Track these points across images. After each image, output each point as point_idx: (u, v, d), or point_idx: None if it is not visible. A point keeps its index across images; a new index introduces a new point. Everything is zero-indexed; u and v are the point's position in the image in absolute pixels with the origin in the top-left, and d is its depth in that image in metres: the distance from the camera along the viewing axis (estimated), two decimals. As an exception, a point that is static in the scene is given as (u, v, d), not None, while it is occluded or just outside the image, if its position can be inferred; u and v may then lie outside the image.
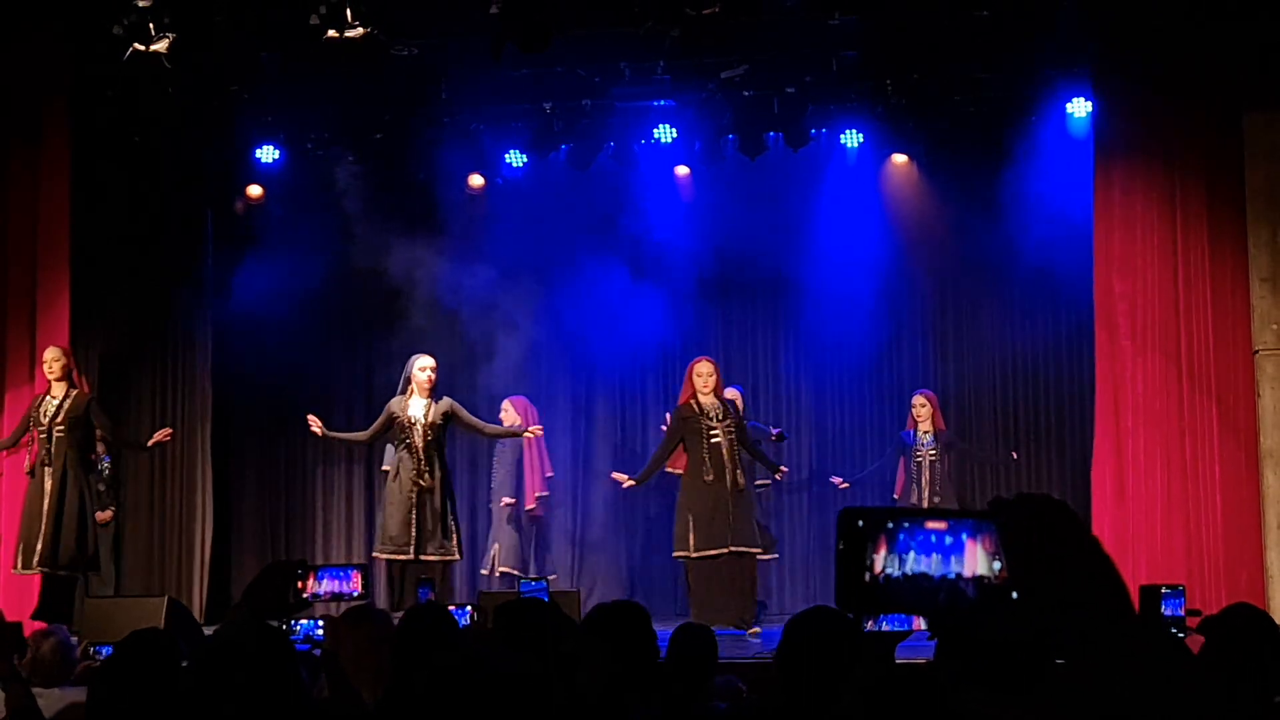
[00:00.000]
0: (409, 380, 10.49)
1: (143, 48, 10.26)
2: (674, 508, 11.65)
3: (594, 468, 13.32)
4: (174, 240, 12.47)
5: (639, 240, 12.97)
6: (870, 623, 3.65)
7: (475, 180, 13.03)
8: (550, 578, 11.50)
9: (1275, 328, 10.20)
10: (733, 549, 10.55)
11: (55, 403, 10.43)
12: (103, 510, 12.28)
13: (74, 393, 10.48)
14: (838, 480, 12.19)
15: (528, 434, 11.24)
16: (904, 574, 2.37)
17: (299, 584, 3.48)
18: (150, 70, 10.65)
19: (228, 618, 3.57)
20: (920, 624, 3.74)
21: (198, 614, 11.25)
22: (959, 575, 2.39)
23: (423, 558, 10.20)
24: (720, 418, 10.68)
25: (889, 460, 11.78)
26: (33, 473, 10.39)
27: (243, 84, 11.93)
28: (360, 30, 10.09)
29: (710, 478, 10.55)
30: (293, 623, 5.75)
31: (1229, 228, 10.31)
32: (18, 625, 5.81)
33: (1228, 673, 3.94)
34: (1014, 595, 2.45)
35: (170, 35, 10.25)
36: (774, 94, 12.15)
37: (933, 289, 12.94)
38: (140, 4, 10.17)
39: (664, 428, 11.52)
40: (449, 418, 10.56)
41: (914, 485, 11.62)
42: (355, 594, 4.26)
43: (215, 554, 12.66)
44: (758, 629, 10.56)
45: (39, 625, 9.56)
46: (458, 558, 10.47)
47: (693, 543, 10.62)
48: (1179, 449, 10.22)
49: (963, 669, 3.66)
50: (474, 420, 10.83)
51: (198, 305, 12.68)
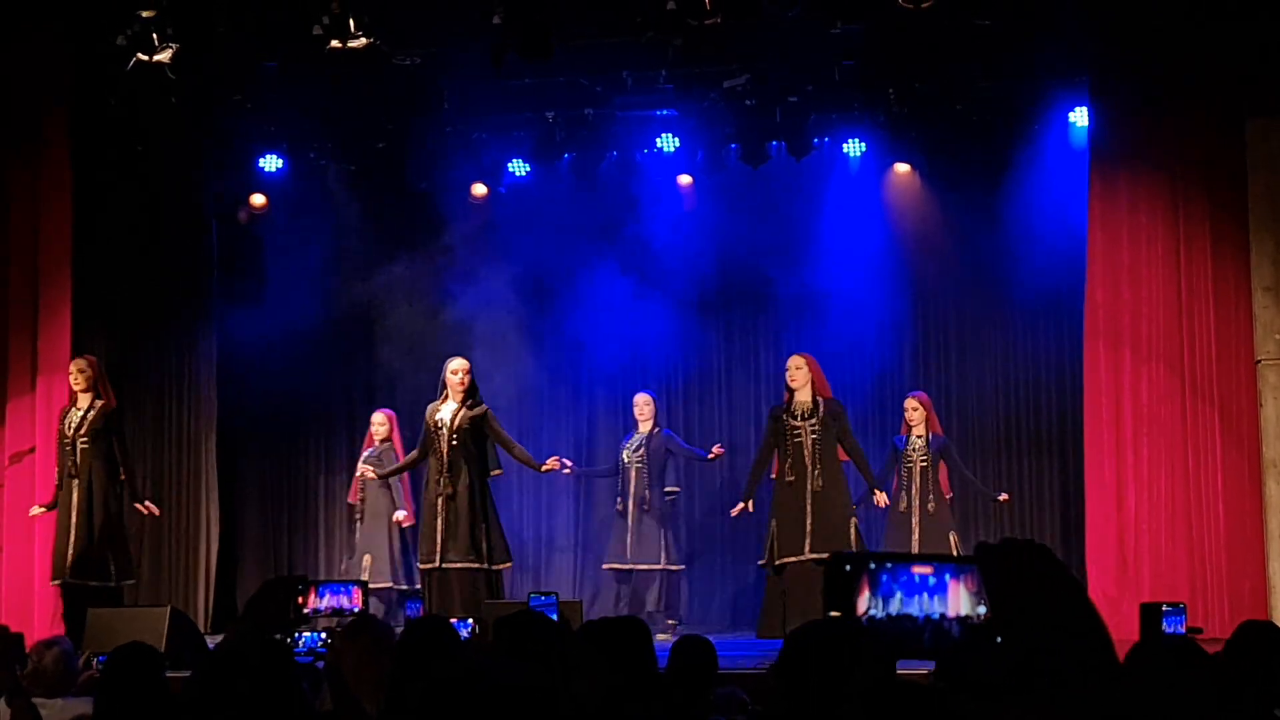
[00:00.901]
0: (443, 384, 10.33)
1: (146, 58, 10.28)
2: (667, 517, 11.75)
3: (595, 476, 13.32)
4: (177, 249, 12.47)
5: (641, 249, 12.96)
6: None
7: (478, 189, 13.04)
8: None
9: (1278, 337, 10.21)
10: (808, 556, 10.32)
11: (80, 414, 10.44)
12: None
13: (99, 404, 10.49)
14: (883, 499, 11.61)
15: (544, 467, 10.88)
16: (888, 614, 2.40)
17: (300, 599, 3.49)
18: (153, 80, 10.66)
19: (229, 631, 3.58)
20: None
21: (202, 625, 11.23)
22: (943, 615, 2.42)
23: (445, 565, 10.01)
24: (805, 415, 10.57)
25: (886, 468, 11.66)
26: (60, 485, 10.40)
27: (245, 93, 11.94)
28: (363, 40, 10.12)
29: (791, 479, 10.45)
30: (296, 635, 5.76)
31: (1231, 236, 10.32)
32: (19, 636, 5.82)
33: (1237, 685, 3.93)
34: (999, 638, 2.48)
35: (173, 45, 10.26)
36: (776, 103, 12.15)
37: (935, 297, 12.91)
38: (143, 14, 10.19)
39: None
40: (480, 424, 10.28)
41: (904, 492, 11.39)
42: (356, 610, 4.27)
43: (220, 565, 12.64)
44: None
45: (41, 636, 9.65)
46: (481, 566, 10.09)
47: (777, 550, 10.49)
48: (1181, 459, 10.23)
49: (958, 677, 3.68)
50: (504, 436, 10.48)
51: (202, 315, 12.67)
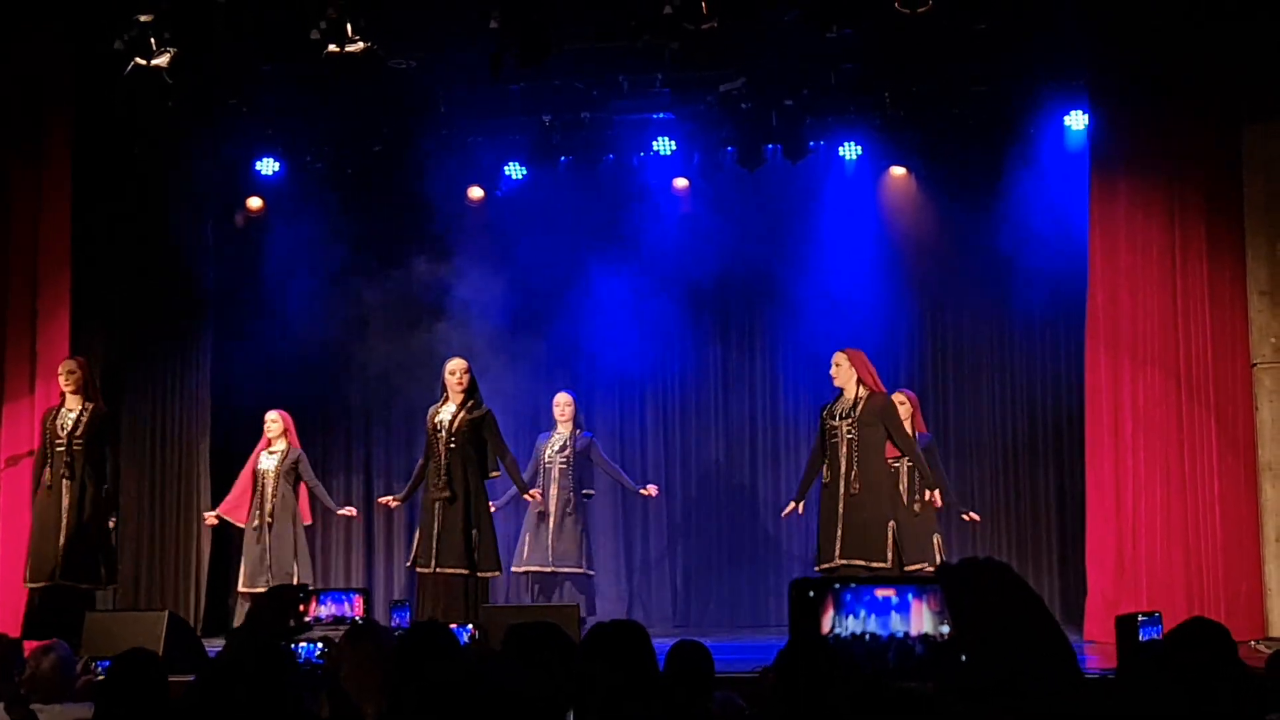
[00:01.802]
0: (443, 385, 10.23)
1: (144, 62, 10.29)
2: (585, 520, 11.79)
3: (592, 478, 13.32)
4: (174, 252, 12.47)
5: (638, 252, 12.99)
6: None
7: (475, 193, 13.06)
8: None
9: (1274, 341, 10.24)
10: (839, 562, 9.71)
11: (73, 416, 10.37)
12: None
13: (91, 406, 10.46)
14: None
15: (527, 496, 10.83)
16: (853, 634, 2.44)
17: (301, 607, 3.50)
18: (151, 83, 10.66)
19: (230, 639, 3.59)
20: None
21: (195, 628, 11.22)
22: (906, 634, 2.45)
23: (438, 570, 9.88)
24: (844, 414, 9.83)
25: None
26: (50, 486, 10.33)
27: (242, 97, 11.96)
28: (360, 45, 10.13)
29: (827, 481, 9.88)
30: (295, 646, 5.76)
31: (1227, 240, 10.35)
32: (17, 642, 5.82)
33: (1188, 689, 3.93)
34: (962, 656, 2.52)
35: (171, 50, 10.27)
36: (772, 107, 12.19)
37: (931, 301, 12.94)
38: (141, 19, 10.20)
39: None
40: (479, 426, 10.16)
41: None
42: (356, 617, 4.28)
43: (212, 569, 12.64)
44: None
45: (37, 641, 9.64)
46: (465, 572, 9.93)
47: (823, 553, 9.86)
48: (1178, 462, 10.24)
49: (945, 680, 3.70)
50: (501, 443, 10.31)
51: (198, 317, 12.68)
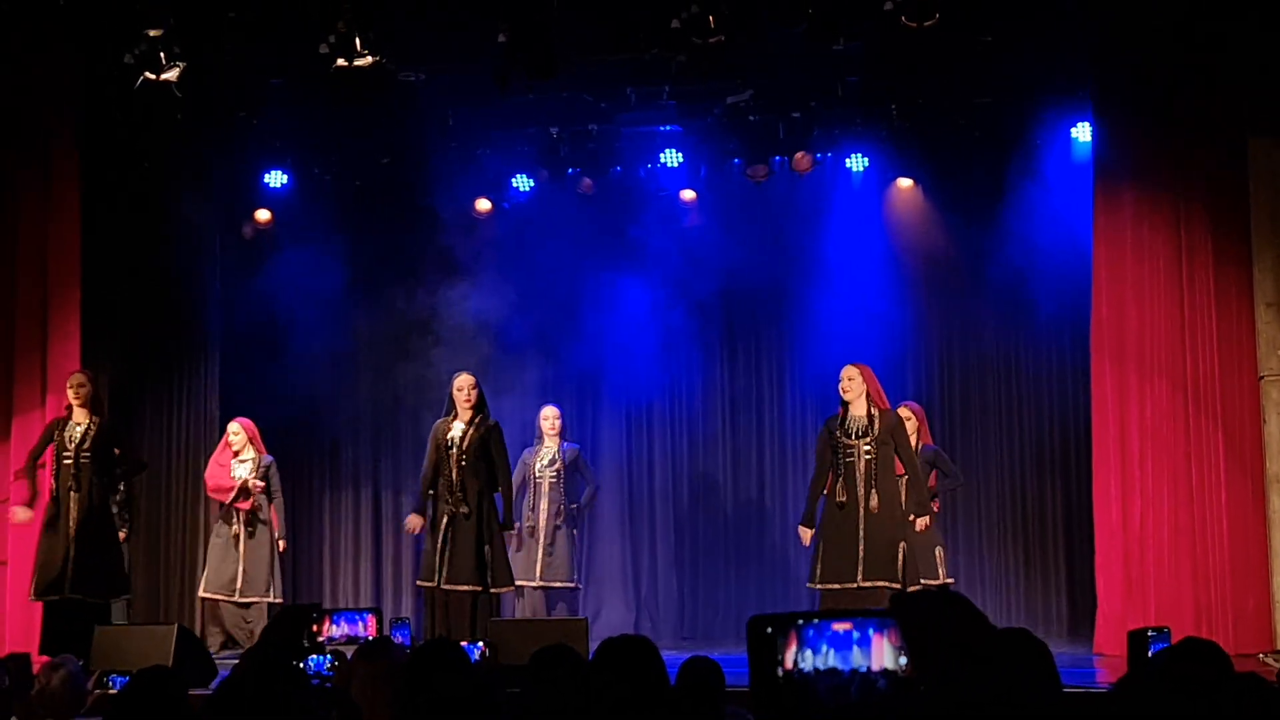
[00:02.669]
0: (451, 401, 10.11)
1: (153, 76, 10.31)
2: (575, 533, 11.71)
3: (600, 489, 13.34)
4: (183, 265, 12.49)
5: (645, 264, 13.02)
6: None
7: (482, 205, 13.07)
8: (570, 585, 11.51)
9: (1280, 353, 10.24)
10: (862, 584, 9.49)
11: (81, 429, 10.38)
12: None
13: (98, 420, 10.47)
14: None
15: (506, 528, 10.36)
16: (815, 669, 2.46)
17: (314, 626, 3.52)
18: (160, 97, 10.69)
19: (243, 658, 3.61)
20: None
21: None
22: (869, 669, 2.49)
23: (444, 586, 9.70)
24: (860, 433, 9.63)
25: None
26: (57, 498, 10.34)
27: (251, 109, 11.99)
28: (369, 59, 10.15)
29: (843, 500, 9.61)
30: (305, 661, 5.78)
31: (1233, 252, 10.35)
32: (26, 657, 5.83)
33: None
34: (922, 688, 2.55)
35: (180, 64, 10.29)
36: (779, 119, 12.23)
37: (937, 312, 12.94)
38: (150, 33, 10.23)
39: None
40: (487, 442, 10.01)
41: None
42: (369, 638, 4.30)
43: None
44: None
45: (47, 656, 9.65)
46: (477, 589, 9.74)
47: (819, 572, 9.65)
48: (1185, 475, 10.24)
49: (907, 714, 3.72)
50: (500, 460, 10.09)
51: (206, 331, 12.67)
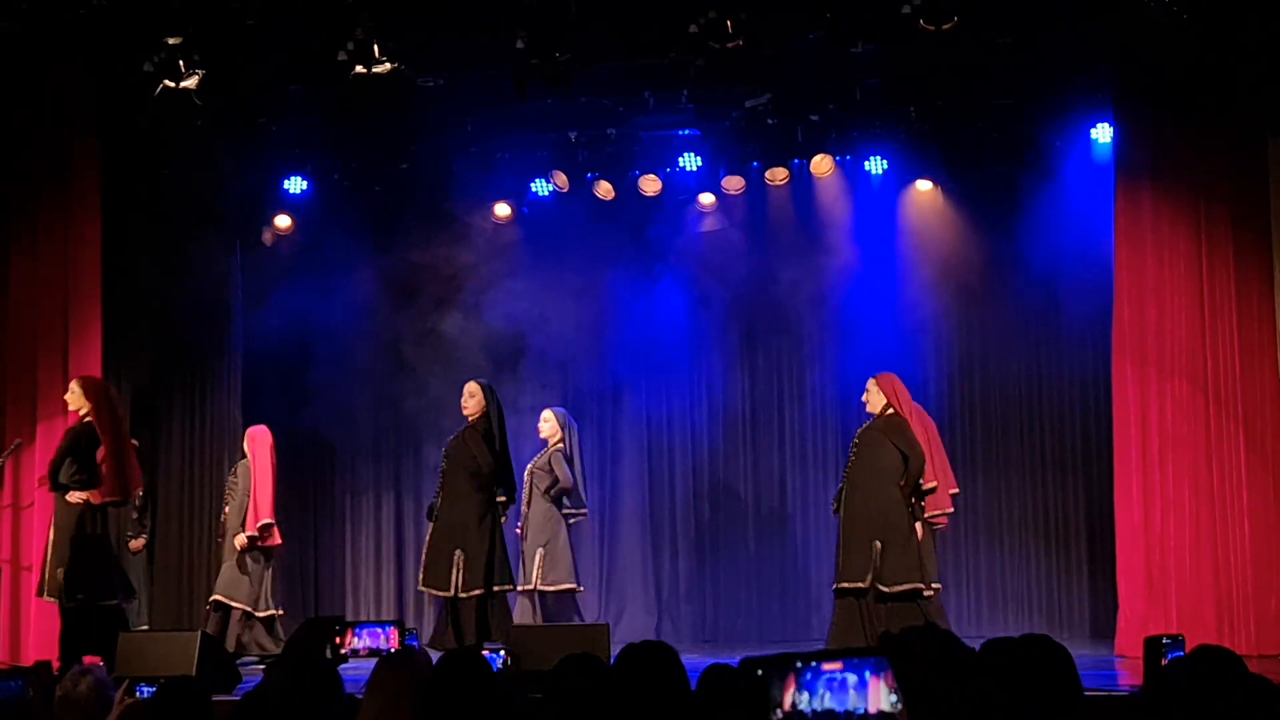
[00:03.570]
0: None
1: (172, 85, 10.35)
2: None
3: (620, 491, 13.35)
4: (203, 272, 12.52)
5: (664, 267, 13.05)
6: None
7: (501, 209, 13.09)
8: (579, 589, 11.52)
9: (1302, 353, 10.23)
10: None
11: None
12: (135, 538, 12.38)
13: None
14: None
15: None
16: (813, 710, 2.49)
17: (337, 639, 3.54)
18: (179, 104, 10.73)
19: (269, 671, 3.63)
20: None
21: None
22: (865, 712, 2.52)
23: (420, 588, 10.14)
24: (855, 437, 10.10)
25: None
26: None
27: (270, 116, 12.03)
28: (388, 65, 10.18)
29: (837, 509, 10.02)
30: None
31: (1254, 253, 10.35)
32: (47, 664, 5.85)
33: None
34: None
35: (199, 72, 10.33)
36: (797, 122, 12.22)
37: (957, 314, 12.92)
38: (170, 41, 10.27)
39: None
40: (465, 441, 10.36)
41: None
42: (392, 650, 4.31)
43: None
44: None
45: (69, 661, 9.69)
46: (447, 594, 10.11)
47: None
48: (1206, 476, 10.24)
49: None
50: (481, 458, 10.31)
51: (227, 337, 12.72)
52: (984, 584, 12.83)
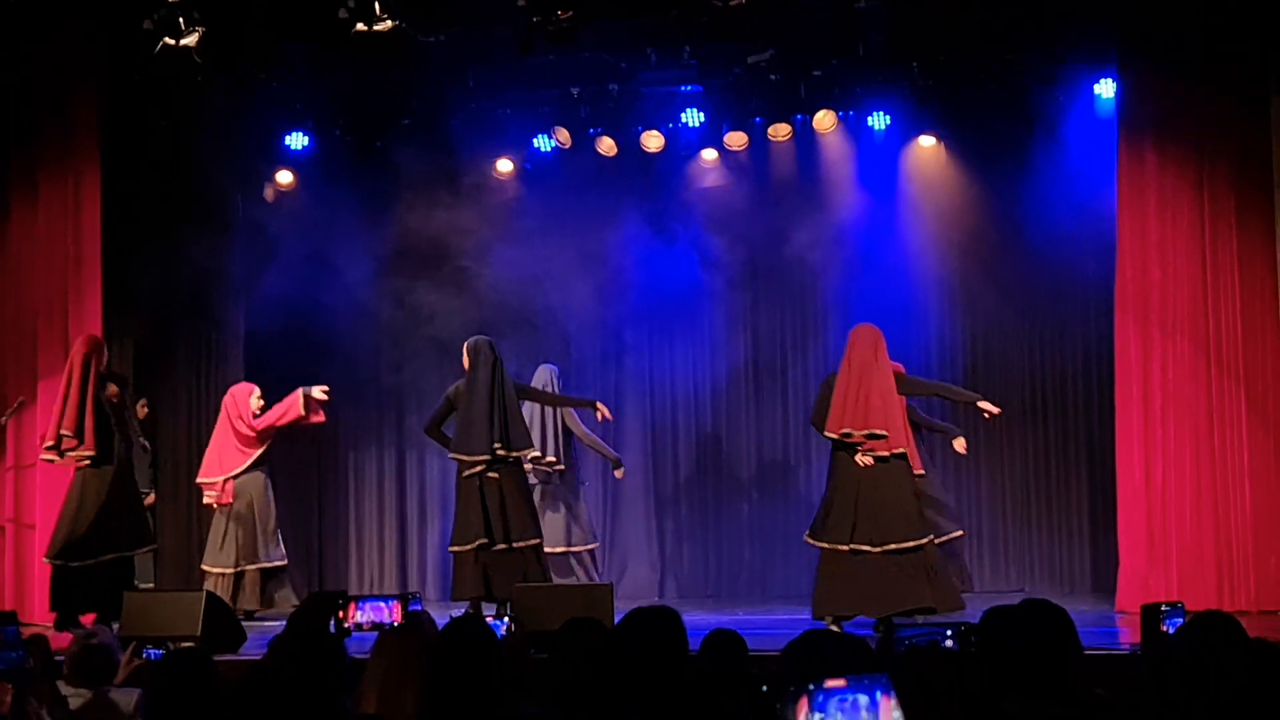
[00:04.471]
0: None
1: (173, 42, 10.32)
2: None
3: (622, 449, 13.36)
4: (205, 228, 12.47)
5: (666, 223, 13.03)
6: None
7: (504, 166, 13.07)
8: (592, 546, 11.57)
9: (1304, 312, 10.23)
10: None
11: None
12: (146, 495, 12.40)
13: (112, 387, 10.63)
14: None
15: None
16: None
17: (340, 613, 3.56)
18: (180, 61, 10.69)
19: (273, 646, 3.65)
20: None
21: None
22: None
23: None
24: None
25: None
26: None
27: (271, 72, 11.97)
28: (389, 23, 10.13)
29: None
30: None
31: (1258, 211, 10.34)
32: (44, 639, 5.88)
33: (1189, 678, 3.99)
34: None
35: (200, 29, 10.30)
36: (800, 77, 12.19)
37: (959, 270, 12.89)
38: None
39: None
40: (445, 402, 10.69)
41: None
42: (395, 624, 4.32)
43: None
44: None
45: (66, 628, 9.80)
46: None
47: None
48: (1207, 435, 10.27)
49: (997, 675, 3.77)
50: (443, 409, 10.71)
51: (229, 293, 12.68)
52: (987, 540, 12.86)
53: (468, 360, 10.46)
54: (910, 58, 12.00)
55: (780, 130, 12.62)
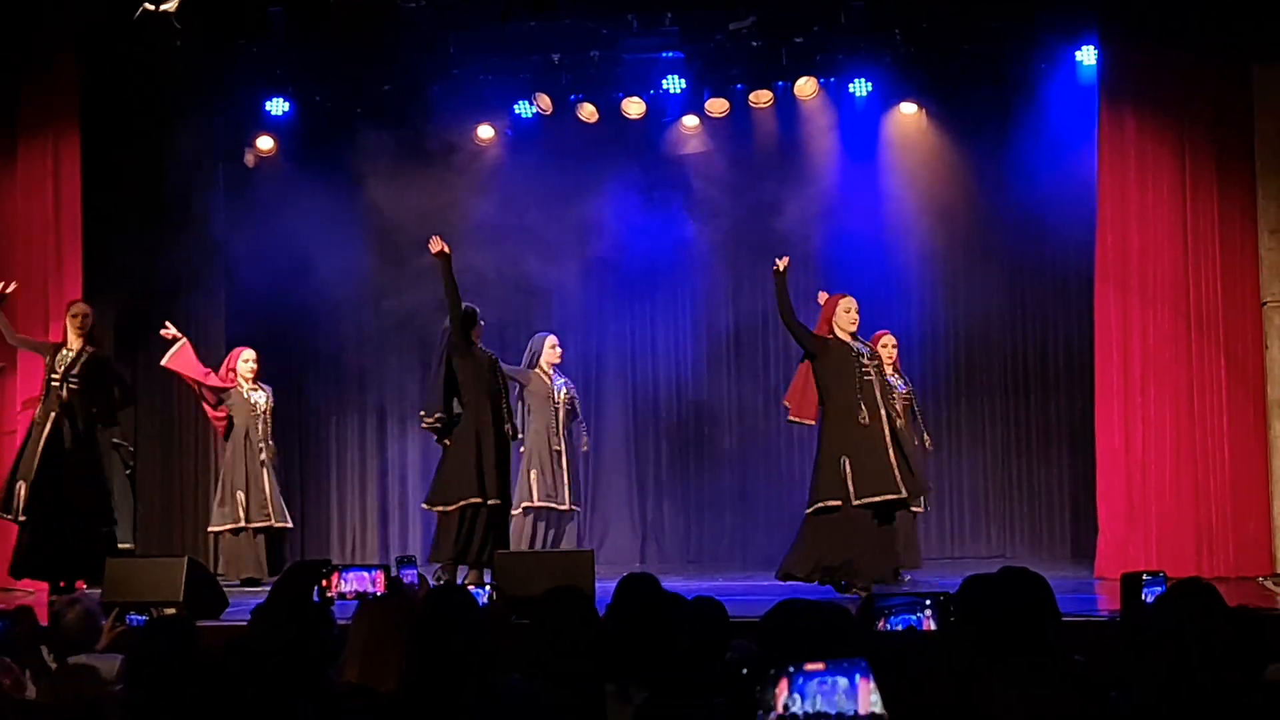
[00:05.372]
0: None
1: (153, 7, 10.28)
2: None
3: (604, 415, 13.38)
4: (185, 195, 12.44)
5: (647, 189, 13.02)
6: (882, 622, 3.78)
7: (484, 132, 13.03)
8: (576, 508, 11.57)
9: (1284, 279, 10.27)
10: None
11: (72, 355, 10.56)
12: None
13: (91, 350, 10.61)
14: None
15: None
16: (805, 712, 2.61)
17: (324, 583, 3.57)
18: (160, 26, 10.65)
19: (256, 615, 3.66)
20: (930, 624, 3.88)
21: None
22: (856, 714, 2.63)
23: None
24: (870, 356, 9.76)
25: None
26: (39, 423, 10.55)
27: (252, 38, 11.93)
28: (369, -11, 10.11)
29: (866, 420, 9.52)
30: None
31: (1238, 179, 10.37)
32: (29, 610, 5.89)
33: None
34: None
35: (180, -5, 10.27)
36: (782, 44, 12.16)
37: (940, 237, 12.90)
38: (150, -36, 10.20)
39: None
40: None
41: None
42: (379, 594, 4.34)
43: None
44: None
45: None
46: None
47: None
48: (1187, 401, 10.31)
49: (974, 641, 3.79)
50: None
51: (211, 260, 12.63)
52: (967, 505, 12.92)
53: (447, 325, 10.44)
54: (892, 25, 11.97)
55: (762, 97, 12.60)
